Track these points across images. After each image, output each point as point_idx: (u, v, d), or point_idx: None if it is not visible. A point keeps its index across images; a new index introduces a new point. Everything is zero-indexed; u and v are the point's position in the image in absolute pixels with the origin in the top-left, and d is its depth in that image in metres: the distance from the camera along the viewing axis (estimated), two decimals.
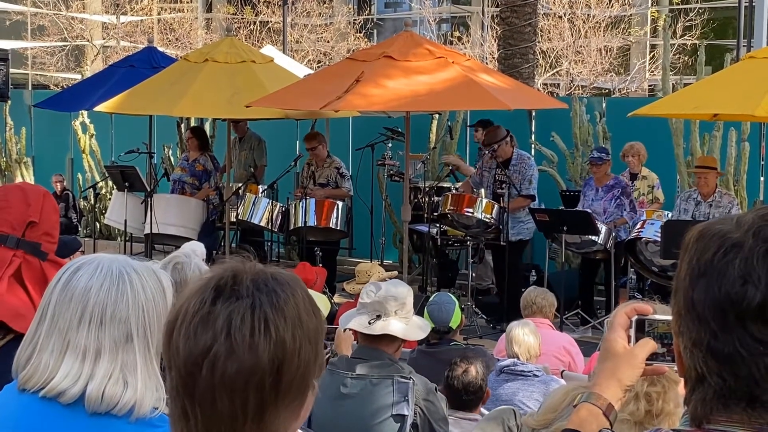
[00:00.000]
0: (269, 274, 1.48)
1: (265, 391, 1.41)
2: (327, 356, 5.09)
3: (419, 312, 5.14)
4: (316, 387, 1.49)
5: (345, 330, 4.67)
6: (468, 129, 12.07)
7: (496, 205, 9.58)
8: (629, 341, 1.67)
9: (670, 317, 1.47)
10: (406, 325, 4.36)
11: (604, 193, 9.48)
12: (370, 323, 4.30)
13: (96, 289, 1.93)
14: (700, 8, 27.28)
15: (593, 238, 9.26)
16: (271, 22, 30.67)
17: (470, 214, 9.67)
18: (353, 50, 27.58)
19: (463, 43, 28.34)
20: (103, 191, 13.69)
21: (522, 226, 9.75)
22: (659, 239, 8.72)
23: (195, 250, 4.66)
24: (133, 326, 1.93)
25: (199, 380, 1.41)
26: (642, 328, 1.67)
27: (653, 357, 1.66)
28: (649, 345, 1.66)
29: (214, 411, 1.41)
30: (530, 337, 5.46)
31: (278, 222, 10.84)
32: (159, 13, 35.20)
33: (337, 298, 9.71)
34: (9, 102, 14.06)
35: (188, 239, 9.61)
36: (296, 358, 1.42)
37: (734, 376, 1.25)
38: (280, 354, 1.41)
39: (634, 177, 9.96)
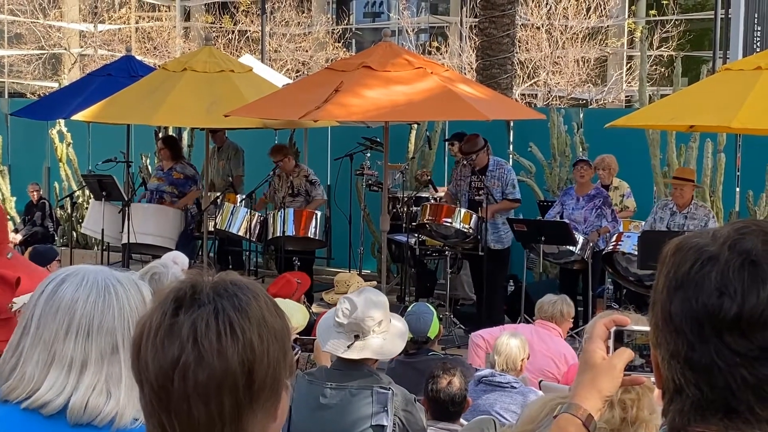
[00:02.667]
0: (228, 281, 1.49)
1: (239, 393, 1.41)
2: (296, 357, 5.08)
3: None
4: (289, 387, 1.50)
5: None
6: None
7: (474, 215, 9.60)
8: (608, 352, 1.69)
9: (648, 328, 1.48)
10: (384, 339, 4.34)
11: (585, 202, 9.53)
12: (348, 347, 4.26)
13: (83, 300, 1.93)
14: (676, 20, 27.49)
15: (571, 248, 9.30)
16: (250, 31, 30.65)
17: (449, 224, 9.69)
18: (332, 60, 27.62)
19: (441, 54, 28.41)
20: (80, 200, 13.62)
21: (502, 234, 9.75)
22: (636, 252, 8.79)
23: (176, 259, 4.66)
24: (119, 337, 1.93)
25: (172, 392, 1.41)
26: (621, 339, 1.69)
27: (632, 368, 1.68)
28: (625, 354, 1.67)
29: (191, 420, 1.41)
30: (513, 349, 5.44)
31: (256, 231, 10.82)
32: (137, 22, 35.11)
33: (315, 308, 9.70)
34: None
35: (166, 249, 9.58)
36: (266, 357, 1.43)
37: (711, 387, 1.27)
38: (250, 355, 1.42)
39: (606, 188, 10.04)
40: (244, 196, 11.42)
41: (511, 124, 11.92)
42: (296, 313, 6.30)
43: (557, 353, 6.33)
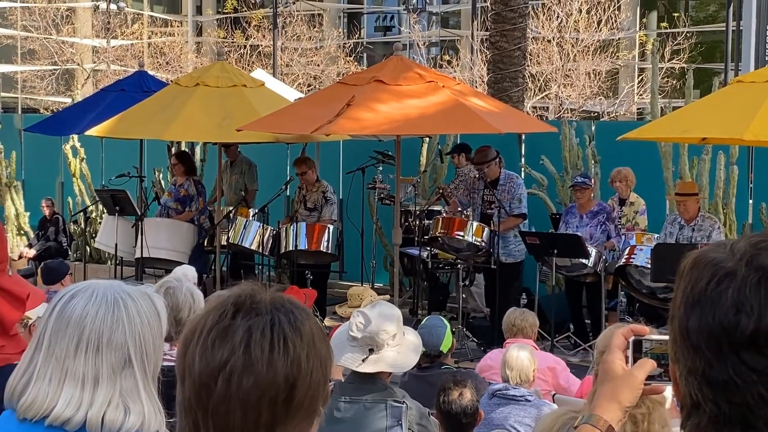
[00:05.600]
0: (285, 298, 1.52)
1: (278, 407, 1.43)
2: (331, 389, 5.09)
3: None
4: (321, 414, 1.51)
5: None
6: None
7: (486, 228, 9.59)
8: (627, 362, 1.69)
9: (666, 337, 1.49)
10: (398, 353, 4.33)
11: (589, 219, 9.51)
12: (363, 360, 4.26)
13: (92, 316, 1.93)
14: (688, 32, 27.48)
15: (584, 261, 9.28)
16: (262, 45, 30.78)
17: (461, 238, 9.69)
18: (343, 74, 27.68)
19: (452, 67, 28.47)
20: (94, 215, 13.67)
21: (512, 248, 9.76)
22: (649, 266, 8.77)
23: (186, 273, 4.68)
24: (131, 351, 1.93)
25: (214, 393, 1.42)
26: (639, 348, 1.69)
27: (650, 377, 1.68)
28: (647, 365, 1.67)
29: (227, 424, 1.43)
30: (525, 361, 5.45)
31: (269, 245, 10.83)
32: (149, 37, 35.28)
33: (328, 322, 9.69)
34: None
35: (179, 263, 9.59)
36: (308, 378, 1.45)
37: (729, 403, 1.26)
38: (295, 372, 1.44)
39: (622, 203, 10.00)
40: (256, 210, 11.44)
41: (523, 137, 11.92)
42: None
43: (540, 370, 6.24)
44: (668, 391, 1.54)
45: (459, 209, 10.12)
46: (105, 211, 12.46)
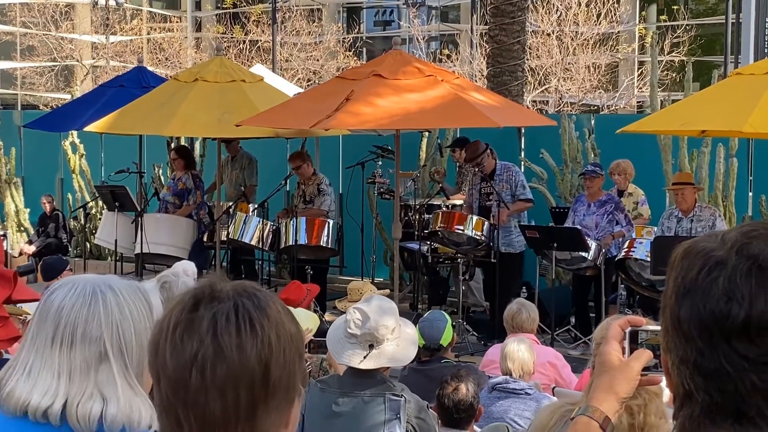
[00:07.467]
0: (246, 284, 1.51)
1: (256, 389, 1.43)
2: (308, 369, 5.08)
3: None
4: (302, 393, 1.51)
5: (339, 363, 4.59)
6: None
7: (486, 222, 9.59)
8: (623, 353, 1.69)
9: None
10: (398, 345, 4.34)
11: (596, 207, 9.51)
12: (365, 357, 4.25)
13: (68, 308, 1.91)
14: (687, 25, 27.48)
15: (583, 254, 9.29)
16: (261, 41, 30.77)
17: (461, 232, 9.69)
18: (342, 68, 27.68)
19: (452, 61, 28.47)
20: (94, 211, 13.68)
21: (513, 238, 9.75)
22: (648, 259, 8.76)
23: (186, 269, 4.68)
24: (108, 345, 1.90)
25: (189, 385, 1.42)
26: (635, 339, 1.69)
27: (646, 368, 1.68)
28: (644, 356, 1.68)
29: (207, 414, 1.42)
30: (525, 353, 5.45)
31: (269, 241, 10.83)
32: (148, 33, 35.28)
33: (328, 316, 9.70)
34: None
35: (179, 258, 9.60)
36: (281, 356, 1.44)
37: (721, 392, 1.26)
38: (267, 352, 1.43)
39: (621, 194, 10.00)
40: (256, 206, 11.44)
41: (523, 130, 11.92)
42: (308, 321, 6.31)
43: (541, 362, 6.22)
44: (665, 382, 1.54)
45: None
46: (105, 207, 12.47)
